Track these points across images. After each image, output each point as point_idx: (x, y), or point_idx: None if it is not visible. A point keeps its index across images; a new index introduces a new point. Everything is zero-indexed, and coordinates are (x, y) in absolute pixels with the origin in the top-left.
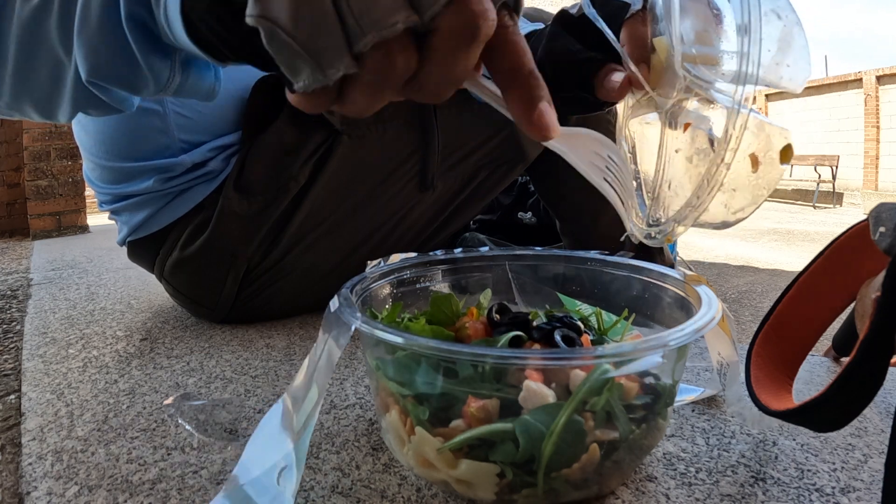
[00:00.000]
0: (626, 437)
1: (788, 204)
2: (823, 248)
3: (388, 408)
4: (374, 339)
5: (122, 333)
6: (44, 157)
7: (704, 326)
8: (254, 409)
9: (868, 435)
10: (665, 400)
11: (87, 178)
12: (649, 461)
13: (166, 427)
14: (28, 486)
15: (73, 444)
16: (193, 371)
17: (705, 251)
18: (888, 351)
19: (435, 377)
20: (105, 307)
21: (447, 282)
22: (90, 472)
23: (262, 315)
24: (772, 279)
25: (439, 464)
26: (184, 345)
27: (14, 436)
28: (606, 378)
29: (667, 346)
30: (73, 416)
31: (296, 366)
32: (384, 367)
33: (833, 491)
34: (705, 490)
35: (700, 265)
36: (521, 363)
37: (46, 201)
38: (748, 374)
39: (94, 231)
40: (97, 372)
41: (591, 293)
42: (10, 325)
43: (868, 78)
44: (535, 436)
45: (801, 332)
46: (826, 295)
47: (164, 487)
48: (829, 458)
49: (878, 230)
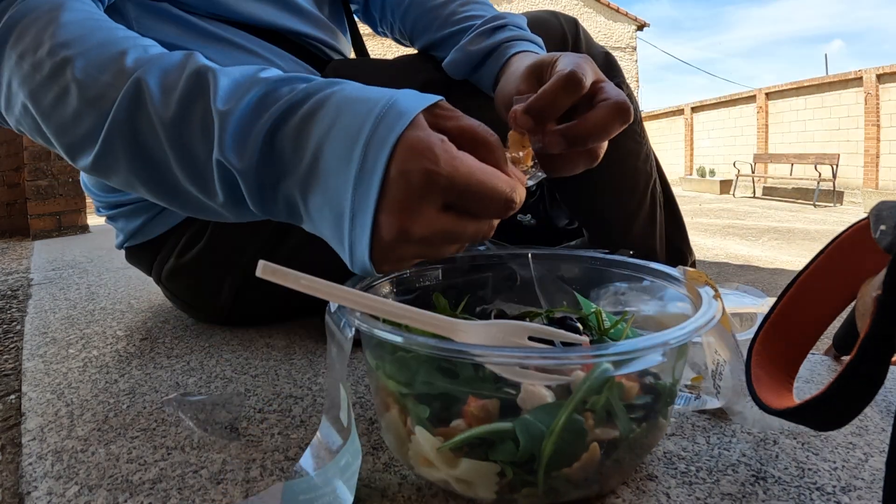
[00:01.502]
0: (626, 435)
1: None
2: (824, 247)
3: (388, 407)
4: (374, 338)
5: (122, 333)
6: (44, 157)
7: (705, 325)
8: (254, 408)
9: (869, 433)
10: (665, 399)
11: (84, 185)
12: (650, 460)
13: (166, 427)
14: (28, 485)
15: (73, 444)
16: (193, 370)
17: (706, 250)
18: (889, 349)
19: (435, 377)
20: (105, 307)
21: (447, 281)
22: (90, 472)
23: (261, 319)
24: (772, 278)
25: (439, 463)
26: (184, 344)
27: (14, 436)
28: (607, 377)
29: (667, 344)
30: (74, 416)
31: (296, 365)
32: (384, 367)
33: (834, 490)
34: (706, 489)
35: (701, 264)
36: (522, 363)
37: (46, 201)
38: (749, 373)
39: (95, 231)
40: (97, 372)
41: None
42: (11, 325)
43: (868, 76)
44: (535, 435)
45: (802, 331)
46: (827, 293)
47: (164, 487)
48: (829, 457)
49: (878, 228)
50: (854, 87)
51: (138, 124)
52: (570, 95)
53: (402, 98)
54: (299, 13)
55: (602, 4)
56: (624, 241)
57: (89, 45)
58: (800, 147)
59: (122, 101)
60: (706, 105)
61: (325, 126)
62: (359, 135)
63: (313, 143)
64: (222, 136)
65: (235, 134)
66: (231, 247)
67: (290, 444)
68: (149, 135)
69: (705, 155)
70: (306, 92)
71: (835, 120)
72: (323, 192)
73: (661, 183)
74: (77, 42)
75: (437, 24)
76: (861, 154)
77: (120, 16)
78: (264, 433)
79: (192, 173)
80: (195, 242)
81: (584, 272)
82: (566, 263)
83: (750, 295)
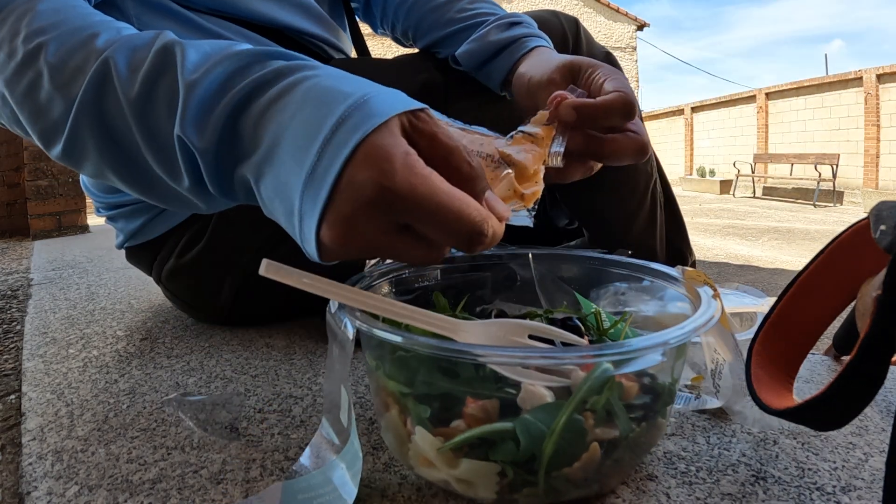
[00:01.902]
0: (626, 435)
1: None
2: (824, 247)
3: (388, 407)
4: (374, 338)
5: (122, 333)
6: (44, 157)
7: (704, 325)
8: (254, 408)
9: (869, 433)
10: (665, 399)
11: (84, 186)
12: (650, 460)
13: (166, 427)
14: (28, 485)
15: (73, 444)
16: (193, 370)
17: (706, 250)
18: (889, 349)
19: (435, 377)
20: (105, 307)
21: (446, 281)
22: (90, 472)
23: (261, 319)
24: (772, 278)
25: (440, 463)
26: (184, 344)
27: (14, 436)
28: (607, 377)
29: (667, 344)
30: (74, 416)
31: (296, 365)
32: (384, 367)
33: (834, 490)
34: (706, 489)
35: (701, 264)
36: (523, 363)
37: (46, 201)
38: (749, 373)
39: (95, 231)
40: (97, 372)
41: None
42: (11, 325)
43: (868, 76)
44: (535, 435)
45: (802, 331)
46: (827, 293)
47: (164, 487)
48: (829, 457)
49: (878, 228)
50: (854, 87)
51: (106, 105)
52: (622, 119)
53: (377, 97)
54: (301, 10)
55: (602, 4)
56: (624, 241)
57: (63, 30)
58: (800, 147)
59: (90, 82)
60: (706, 105)
61: (288, 115)
62: (318, 132)
63: (273, 131)
64: (185, 111)
65: (198, 110)
66: (231, 247)
67: (290, 444)
68: (116, 115)
69: (705, 155)
70: (277, 72)
71: (835, 120)
72: (275, 184)
73: (662, 183)
74: (51, 28)
75: (444, 21)
76: (861, 154)
77: (119, 12)
78: (264, 433)
79: (159, 155)
80: (195, 242)
81: (584, 272)
82: (566, 263)
83: (750, 295)
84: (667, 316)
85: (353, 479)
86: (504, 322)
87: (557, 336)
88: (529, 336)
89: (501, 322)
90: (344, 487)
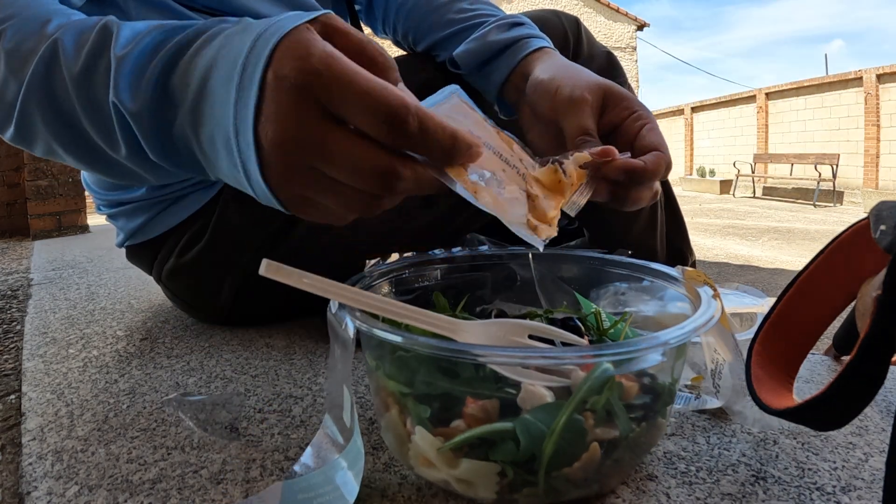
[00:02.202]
0: (626, 435)
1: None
2: (824, 247)
3: (388, 407)
4: (374, 338)
5: (122, 333)
6: (44, 157)
7: (704, 325)
8: (254, 408)
9: (869, 433)
10: (664, 398)
11: (85, 183)
12: (650, 460)
13: (166, 427)
14: (28, 485)
15: (73, 444)
16: (193, 370)
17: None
18: (889, 349)
19: (435, 377)
20: (105, 307)
21: (446, 281)
22: (90, 472)
23: (261, 319)
24: (772, 278)
25: (440, 463)
26: (184, 344)
27: (14, 436)
28: (607, 377)
29: (667, 344)
30: (73, 416)
31: (296, 365)
32: (384, 367)
33: (834, 489)
34: (706, 489)
35: (701, 264)
36: (524, 363)
37: (46, 201)
38: (749, 373)
39: (95, 231)
40: (97, 372)
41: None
42: (11, 325)
43: (868, 76)
44: (535, 435)
45: (802, 331)
46: (827, 293)
47: (164, 487)
48: (829, 457)
49: (878, 228)
50: (854, 87)
51: (53, 84)
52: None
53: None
54: (302, 10)
55: (602, 4)
56: (624, 241)
57: (20, 18)
58: (800, 147)
59: (39, 64)
60: (706, 105)
61: (211, 56)
62: (239, 55)
63: (199, 75)
64: (117, 79)
65: (131, 76)
66: (231, 246)
67: (290, 444)
68: (61, 92)
69: (705, 155)
70: (198, 31)
71: (835, 120)
72: (210, 121)
73: (662, 183)
74: (9, 17)
75: (444, 21)
76: (861, 154)
77: (119, 10)
78: (264, 433)
79: (98, 126)
80: (195, 242)
81: (584, 272)
82: (566, 263)
83: (750, 295)
84: (667, 316)
85: (356, 477)
86: (504, 322)
87: (557, 336)
88: (529, 336)
89: (501, 322)
90: (346, 486)
